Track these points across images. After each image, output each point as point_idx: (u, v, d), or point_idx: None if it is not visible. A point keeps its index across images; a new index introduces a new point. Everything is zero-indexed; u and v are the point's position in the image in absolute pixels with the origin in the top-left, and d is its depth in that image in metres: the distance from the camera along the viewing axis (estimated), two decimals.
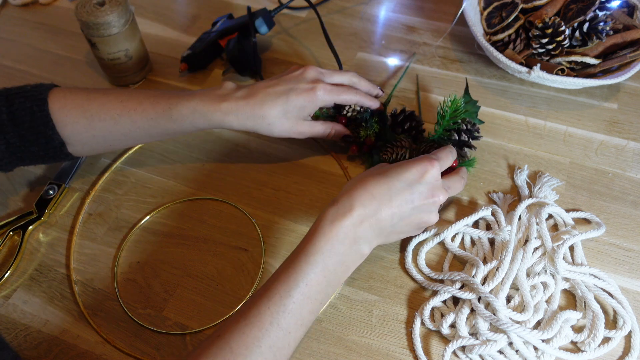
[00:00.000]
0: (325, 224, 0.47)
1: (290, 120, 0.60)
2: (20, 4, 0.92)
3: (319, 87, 0.60)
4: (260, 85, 0.60)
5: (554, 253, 0.56)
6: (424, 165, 0.51)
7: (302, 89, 0.60)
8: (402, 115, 0.66)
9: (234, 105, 0.58)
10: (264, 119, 0.59)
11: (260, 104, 0.58)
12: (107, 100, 0.58)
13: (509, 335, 0.51)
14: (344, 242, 0.47)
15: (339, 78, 0.64)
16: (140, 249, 0.61)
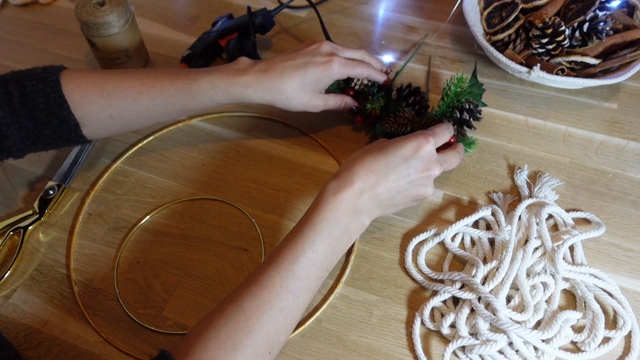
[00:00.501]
0: (328, 196, 0.50)
1: (307, 93, 0.62)
2: (20, 4, 0.92)
3: (335, 60, 0.62)
4: (277, 60, 0.62)
5: (554, 253, 0.56)
6: (419, 141, 0.53)
7: (319, 62, 0.61)
8: (407, 89, 0.69)
9: (254, 78, 0.59)
10: (282, 92, 0.60)
11: (279, 76, 0.60)
12: (123, 79, 0.59)
13: (509, 335, 0.51)
14: (346, 213, 0.50)
15: (351, 53, 0.66)
16: (140, 249, 0.61)
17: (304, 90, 0.61)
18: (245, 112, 0.74)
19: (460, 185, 0.65)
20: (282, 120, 0.73)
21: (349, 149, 0.69)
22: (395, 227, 0.62)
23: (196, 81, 0.59)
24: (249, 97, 0.60)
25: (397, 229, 0.62)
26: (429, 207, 0.63)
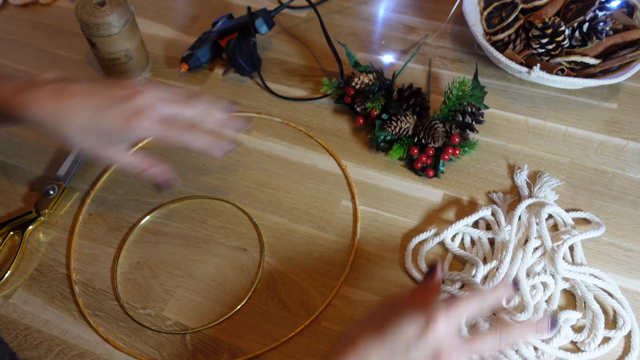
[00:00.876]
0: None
1: (94, 140, 0.51)
2: (20, 4, 0.92)
3: (140, 119, 0.51)
4: (80, 88, 0.51)
5: (553, 253, 0.56)
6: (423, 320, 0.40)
7: (119, 113, 0.50)
8: (408, 90, 0.69)
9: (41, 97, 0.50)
10: (64, 125, 0.50)
11: (69, 109, 0.50)
12: None
13: None
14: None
15: (187, 111, 0.54)
16: (140, 249, 0.61)
17: (91, 135, 0.51)
18: (246, 112, 0.74)
19: (460, 185, 0.65)
20: (282, 120, 0.73)
21: (349, 149, 0.69)
22: (395, 227, 0.62)
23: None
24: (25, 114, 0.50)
25: (397, 229, 0.62)
26: (428, 207, 0.63)
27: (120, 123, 0.50)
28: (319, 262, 0.59)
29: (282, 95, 0.76)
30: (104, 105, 0.50)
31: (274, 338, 0.54)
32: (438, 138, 0.64)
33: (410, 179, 0.66)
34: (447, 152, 0.64)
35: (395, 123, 0.65)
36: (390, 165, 0.68)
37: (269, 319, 0.55)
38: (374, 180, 0.66)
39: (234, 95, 0.76)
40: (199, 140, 0.54)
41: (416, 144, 0.66)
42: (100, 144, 0.52)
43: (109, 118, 0.50)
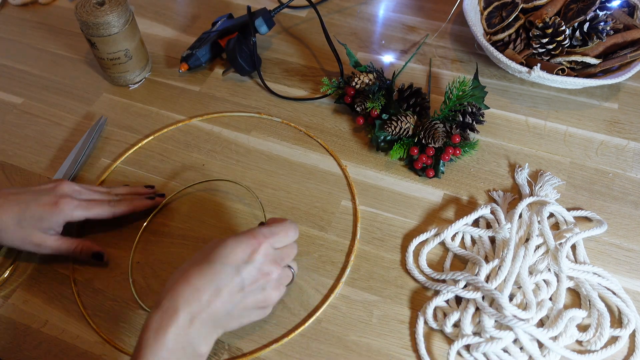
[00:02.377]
0: (149, 336, 0.42)
1: (25, 230, 0.55)
2: (20, 3, 0.92)
3: (65, 201, 0.56)
4: (5, 192, 0.56)
5: (557, 251, 0.56)
6: (250, 244, 0.46)
7: (45, 201, 0.56)
8: (408, 90, 0.68)
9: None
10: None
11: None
12: None
13: (515, 331, 0.50)
14: (174, 351, 0.42)
15: (97, 196, 0.60)
16: (140, 249, 0.61)
17: (21, 226, 0.55)
18: (246, 112, 0.74)
19: (460, 185, 0.65)
20: (282, 120, 0.73)
21: (349, 149, 0.69)
22: (395, 227, 0.62)
23: None
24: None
25: (397, 229, 0.62)
26: (428, 207, 0.63)
27: (48, 209, 0.55)
28: (319, 262, 0.59)
29: (282, 95, 0.76)
30: (26, 200, 0.55)
31: (274, 338, 0.54)
32: (438, 138, 0.64)
33: (410, 179, 0.66)
34: (448, 152, 0.64)
35: (395, 123, 0.65)
36: (391, 165, 0.67)
37: (269, 319, 0.55)
38: (374, 180, 0.66)
39: (234, 95, 0.76)
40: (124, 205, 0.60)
41: (416, 144, 0.66)
42: (29, 233, 0.55)
43: (34, 208, 0.55)
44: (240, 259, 0.46)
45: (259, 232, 0.48)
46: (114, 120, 0.74)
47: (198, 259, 0.46)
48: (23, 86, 0.79)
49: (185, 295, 0.44)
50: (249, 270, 0.46)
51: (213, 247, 0.47)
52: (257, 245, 0.47)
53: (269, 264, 0.47)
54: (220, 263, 0.45)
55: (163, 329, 0.42)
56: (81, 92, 0.78)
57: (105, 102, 0.76)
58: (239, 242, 0.46)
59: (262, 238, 0.47)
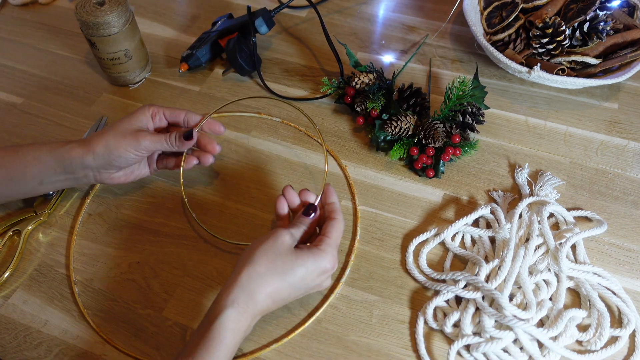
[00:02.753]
0: (227, 334, 0.45)
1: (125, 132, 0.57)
2: (20, 3, 0.92)
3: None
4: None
5: (557, 251, 0.56)
6: (325, 271, 0.50)
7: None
8: (408, 90, 0.68)
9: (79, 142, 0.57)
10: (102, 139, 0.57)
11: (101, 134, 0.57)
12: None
13: (515, 331, 0.51)
14: (239, 339, 0.47)
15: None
16: (140, 249, 0.61)
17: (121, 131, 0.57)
18: (246, 112, 0.74)
19: (460, 185, 0.65)
20: (282, 120, 0.73)
21: (349, 149, 0.69)
22: (395, 227, 0.62)
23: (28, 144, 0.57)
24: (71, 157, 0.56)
25: (397, 229, 0.62)
26: (428, 207, 0.63)
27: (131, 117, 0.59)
28: None
29: (282, 95, 0.75)
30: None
31: (274, 338, 0.54)
32: (438, 138, 0.64)
33: (410, 179, 0.66)
34: (448, 152, 0.64)
35: (395, 123, 0.65)
36: (390, 165, 0.67)
37: (269, 319, 0.55)
38: (374, 180, 0.66)
39: (234, 95, 0.76)
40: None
41: (416, 144, 0.66)
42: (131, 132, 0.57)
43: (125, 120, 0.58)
44: (311, 282, 0.50)
45: (331, 254, 0.50)
46: (114, 120, 0.74)
47: (278, 271, 0.48)
48: (23, 86, 0.79)
49: (263, 301, 0.48)
50: (313, 288, 0.52)
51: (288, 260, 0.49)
52: (327, 271, 0.50)
53: (329, 279, 0.53)
54: (299, 287, 0.49)
55: (239, 328, 0.46)
56: (81, 92, 0.78)
57: (105, 102, 0.76)
58: (318, 266, 0.49)
59: (333, 263, 0.51)
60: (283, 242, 0.49)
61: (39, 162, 0.56)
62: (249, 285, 0.47)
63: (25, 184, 0.57)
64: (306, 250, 0.49)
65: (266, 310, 0.49)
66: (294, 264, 0.48)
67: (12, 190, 0.58)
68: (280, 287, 0.48)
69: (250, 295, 0.47)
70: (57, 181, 0.58)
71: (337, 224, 0.52)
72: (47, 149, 0.56)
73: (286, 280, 0.48)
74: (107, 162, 0.57)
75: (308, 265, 0.49)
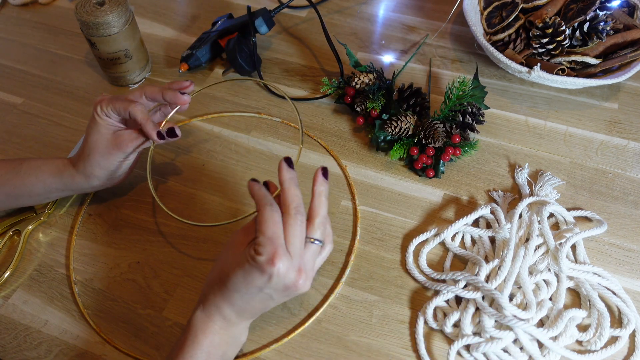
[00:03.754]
0: (196, 334, 0.46)
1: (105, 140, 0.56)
2: (20, 3, 0.92)
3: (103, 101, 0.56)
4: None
5: (557, 251, 0.56)
6: (268, 274, 0.43)
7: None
8: (408, 90, 0.68)
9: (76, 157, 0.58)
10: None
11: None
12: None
13: (515, 331, 0.51)
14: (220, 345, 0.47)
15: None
16: (140, 249, 0.61)
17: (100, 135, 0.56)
18: (246, 112, 0.74)
19: (460, 185, 0.65)
20: (282, 120, 0.73)
21: (349, 149, 0.69)
22: (395, 227, 0.62)
23: (27, 160, 0.58)
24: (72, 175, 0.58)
25: (397, 229, 0.62)
26: (428, 207, 0.63)
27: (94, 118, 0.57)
28: None
29: (282, 95, 0.76)
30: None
31: (274, 338, 0.54)
32: (438, 138, 0.64)
33: (410, 179, 0.66)
34: (448, 153, 0.64)
35: (395, 123, 0.65)
36: (390, 165, 0.67)
37: (269, 319, 0.55)
38: (374, 180, 0.66)
39: (234, 95, 0.76)
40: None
41: (416, 144, 0.66)
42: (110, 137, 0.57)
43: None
44: (261, 285, 0.44)
45: (267, 258, 0.42)
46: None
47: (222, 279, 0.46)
48: (23, 86, 0.79)
49: (223, 305, 0.47)
50: (273, 288, 0.44)
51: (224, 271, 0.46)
52: (272, 273, 0.43)
53: (288, 277, 0.44)
54: (246, 292, 0.45)
55: (208, 328, 0.47)
56: (81, 92, 0.78)
57: None
58: (253, 274, 0.43)
59: (271, 264, 0.42)
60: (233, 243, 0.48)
61: (43, 183, 0.58)
62: (212, 289, 0.47)
63: (29, 199, 0.60)
64: (246, 255, 0.44)
65: (241, 312, 0.47)
66: (234, 273, 0.45)
67: (15, 204, 0.62)
68: (229, 296, 0.46)
69: (212, 298, 0.47)
70: (61, 194, 0.61)
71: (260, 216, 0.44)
72: (49, 172, 0.58)
73: (233, 290, 0.45)
74: (109, 179, 0.60)
75: (246, 270, 0.44)
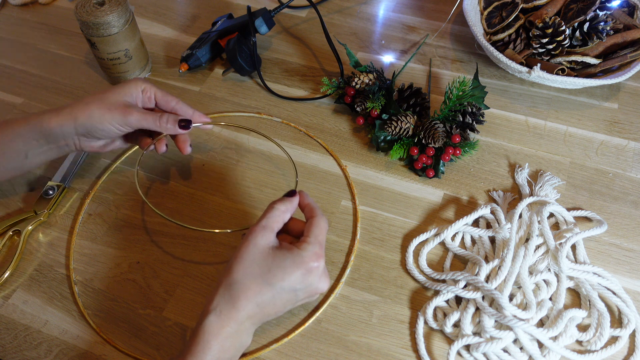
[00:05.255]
0: (208, 338, 0.45)
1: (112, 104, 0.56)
2: (20, 3, 0.92)
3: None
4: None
5: (557, 251, 0.56)
6: (308, 268, 0.47)
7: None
8: (408, 90, 0.68)
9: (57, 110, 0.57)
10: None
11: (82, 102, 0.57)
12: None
13: (515, 331, 0.50)
14: (227, 350, 0.47)
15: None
16: (140, 249, 0.61)
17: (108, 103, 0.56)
18: (246, 112, 0.74)
19: (460, 185, 0.65)
20: (282, 120, 0.73)
21: (349, 149, 0.69)
22: (395, 227, 0.62)
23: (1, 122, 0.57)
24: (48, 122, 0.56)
25: (397, 229, 0.62)
26: (428, 207, 0.63)
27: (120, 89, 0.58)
28: None
29: (282, 95, 0.76)
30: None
31: (274, 338, 0.54)
32: (438, 138, 0.64)
33: (410, 179, 0.66)
34: (448, 153, 0.64)
35: (395, 123, 0.65)
36: (390, 165, 0.67)
37: (269, 319, 0.55)
38: (374, 180, 0.66)
39: (234, 95, 0.76)
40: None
41: (416, 144, 0.66)
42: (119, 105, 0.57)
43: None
44: (298, 283, 0.48)
45: (312, 251, 0.48)
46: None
47: (256, 273, 0.47)
48: (23, 86, 0.79)
49: (245, 305, 0.47)
50: (305, 290, 0.49)
51: (269, 265, 0.47)
52: (314, 269, 0.48)
53: (322, 280, 0.49)
54: (280, 287, 0.47)
55: (221, 333, 0.46)
56: (81, 92, 0.78)
57: None
58: (297, 267, 0.47)
59: (316, 260, 0.48)
60: (256, 244, 0.48)
61: (20, 137, 0.56)
62: (229, 293, 0.47)
63: (10, 159, 0.58)
64: (285, 251, 0.48)
65: (255, 315, 0.47)
66: (270, 267, 0.47)
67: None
68: (260, 291, 0.47)
69: (230, 301, 0.47)
70: (41, 153, 0.58)
71: (315, 221, 0.50)
72: (24, 122, 0.56)
73: (266, 283, 0.47)
74: (87, 132, 0.57)
75: (286, 265, 0.47)
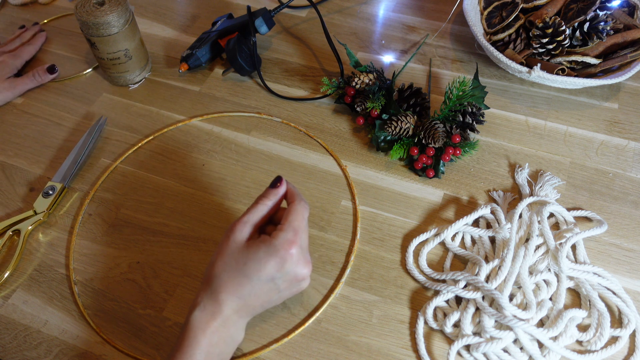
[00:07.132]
0: (196, 333, 0.46)
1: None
2: (20, 3, 0.92)
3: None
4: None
5: (557, 251, 0.56)
6: (281, 257, 0.47)
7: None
8: (408, 90, 0.68)
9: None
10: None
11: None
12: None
13: (515, 331, 0.50)
14: (217, 344, 0.47)
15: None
16: (140, 249, 0.61)
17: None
18: (246, 112, 0.74)
19: (460, 185, 0.65)
20: (282, 120, 0.73)
21: (349, 149, 0.69)
22: (395, 227, 0.62)
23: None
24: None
25: (397, 229, 0.62)
26: (428, 207, 0.63)
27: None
28: (319, 262, 0.59)
29: (282, 95, 0.76)
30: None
31: (274, 338, 0.54)
32: (438, 138, 0.64)
33: (410, 179, 0.66)
34: (448, 153, 0.64)
35: (395, 123, 0.65)
36: (391, 165, 0.67)
37: (269, 319, 0.55)
38: (374, 180, 0.66)
39: (234, 95, 0.76)
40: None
41: (416, 144, 0.66)
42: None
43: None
44: (273, 272, 0.48)
45: (285, 239, 0.48)
46: (114, 120, 0.74)
47: (232, 268, 0.48)
48: None
49: (226, 299, 0.48)
50: (283, 278, 0.49)
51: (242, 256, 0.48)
52: (287, 257, 0.47)
53: (299, 266, 0.49)
54: (257, 278, 0.48)
55: (208, 327, 0.47)
56: (81, 92, 0.78)
57: (105, 102, 0.76)
58: (270, 256, 0.47)
59: (288, 247, 0.47)
60: (234, 239, 0.49)
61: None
62: (211, 288, 0.48)
63: None
64: (259, 242, 0.48)
65: (240, 309, 0.48)
66: (246, 258, 0.48)
67: None
68: (239, 284, 0.47)
69: (212, 296, 0.48)
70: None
71: (292, 207, 0.50)
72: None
73: (244, 276, 0.47)
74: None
75: (260, 257, 0.47)
